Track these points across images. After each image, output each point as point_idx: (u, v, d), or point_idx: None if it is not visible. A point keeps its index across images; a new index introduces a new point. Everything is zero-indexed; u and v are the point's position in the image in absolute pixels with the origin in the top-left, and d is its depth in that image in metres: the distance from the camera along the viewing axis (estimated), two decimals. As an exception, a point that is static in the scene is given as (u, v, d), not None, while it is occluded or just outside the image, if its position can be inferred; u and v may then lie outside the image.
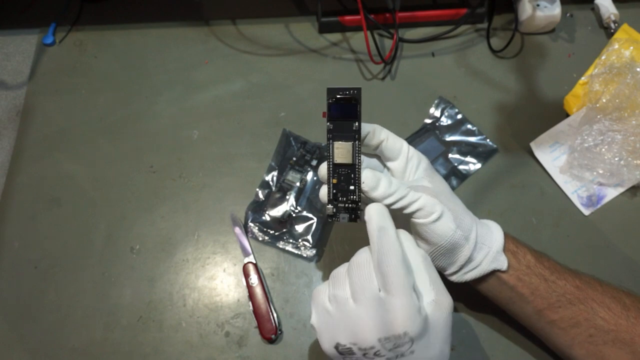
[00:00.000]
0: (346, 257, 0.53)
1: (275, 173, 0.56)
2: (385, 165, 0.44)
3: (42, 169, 0.58)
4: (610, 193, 0.55)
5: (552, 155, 0.57)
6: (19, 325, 0.50)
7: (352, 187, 0.40)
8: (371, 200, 0.40)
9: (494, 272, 0.42)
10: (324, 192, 0.42)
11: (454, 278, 0.43)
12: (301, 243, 0.53)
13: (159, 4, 0.68)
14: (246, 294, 0.51)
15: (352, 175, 0.40)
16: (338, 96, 0.40)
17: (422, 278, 0.37)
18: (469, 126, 0.59)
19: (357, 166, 0.40)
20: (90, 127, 0.60)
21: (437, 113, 0.60)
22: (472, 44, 0.65)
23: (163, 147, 0.59)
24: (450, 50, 0.65)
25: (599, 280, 0.44)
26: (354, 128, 0.40)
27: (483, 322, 0.50)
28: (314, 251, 0.53)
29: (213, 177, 0.57)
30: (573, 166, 0.55)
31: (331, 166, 0.41)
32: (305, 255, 0.53)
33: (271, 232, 0.54)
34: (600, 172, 0.55)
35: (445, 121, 0.59)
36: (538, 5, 0.62)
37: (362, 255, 0.38)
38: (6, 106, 0.62)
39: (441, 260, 0.42)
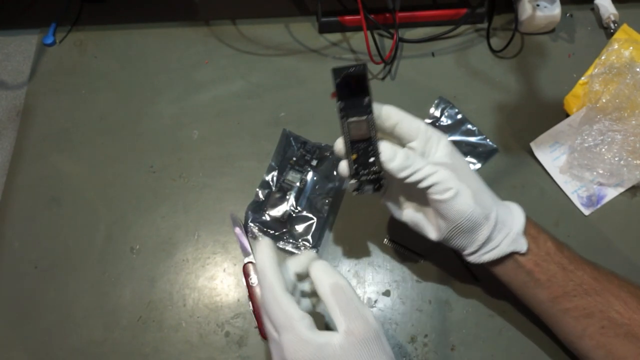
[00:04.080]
0: (346, 257, 0.53)
1: (275, 173, 0.56)
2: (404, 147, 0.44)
3: (42, 169, 0.58)
4: (610, 193, 0.55)
5: (552, 155, 0.57)
6: (19, 325, 0.50)
7: (371, 160, 0.41)
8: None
9: (512, 255, 0.42)
10: (343, 168, 0.42)
11: (472, 258, 0.43)
12: (301, 243, 0.53)
13: (159, 4, 0.68)
14: (246, 294, 0.51)
15: (370, 148, 0.41)
16: (346, 73, 0.40)
17: (333, 309, 0.36)
18: (469, 126, 0.59)
19: (373, 138, 0.40)
20: (90, 127, 0.60)
21: (437, 113, 0.60)
22: (472, 44, 0.65)
23: (163, 147, 0.59)
24: (450, 50, 0.65)
25: (617, 274, 0.44)
26: (365, 103, 0.41)
27: (483, 322, 0.50)
28: (314, 251, 0.53)
29: (213, 177, 0.57)
30: (573, 166, 0.55)
31: (348, 143, 0.41)
32: (305, 255, 0.53)
33: (271, 232, 0.54)
34: (600, 172, 0.55)
35: (445, 121, 0.59)
36: (538, 5, 0.62)
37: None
38: (6, 106, 0.62)
39: (460, 238, 0.42)
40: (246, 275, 0.51)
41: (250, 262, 0.52)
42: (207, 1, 0.68)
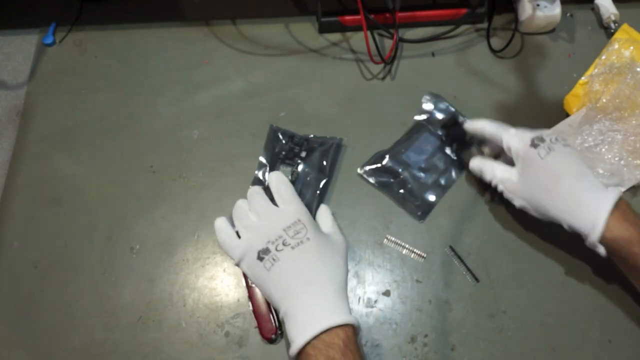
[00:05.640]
0: (346, 257, 0.53)
1: (266, 169, 0.56)
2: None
3: (42, 169, 0.58)
4: (611, 193, 0.55)
5: (552, 155, 0.57)
6: (19, 325, 0.50)
7: None
8: None
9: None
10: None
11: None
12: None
13: (159, 4, 0.68)
14: (246, 294, 0.51)
15: None
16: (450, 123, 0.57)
17: (326, 222, 0.50)
18: (461, 118, 0.59)
19: None
20: (90, 127, 0.60)
21: (429, 107, 0.60)
22: (472, 44, 0.65)
23: (163, 147, 0.59)
24: (450, 50, 0.65)
25: None
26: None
27: (483, 322, 0.50)
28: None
29: (213, 177, 0.57)
30: (573, 166, 0.55)
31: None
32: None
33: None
34: (601, 172, 0.55)
35: (437, 115, 0.59)
36: (538, 5, 0.62)
37: (254, 192, 0.50)
38: (6, 106, 0.62)
39: None
40: (246, 275, 0.51)
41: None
42: (207, 1, 0.68)
